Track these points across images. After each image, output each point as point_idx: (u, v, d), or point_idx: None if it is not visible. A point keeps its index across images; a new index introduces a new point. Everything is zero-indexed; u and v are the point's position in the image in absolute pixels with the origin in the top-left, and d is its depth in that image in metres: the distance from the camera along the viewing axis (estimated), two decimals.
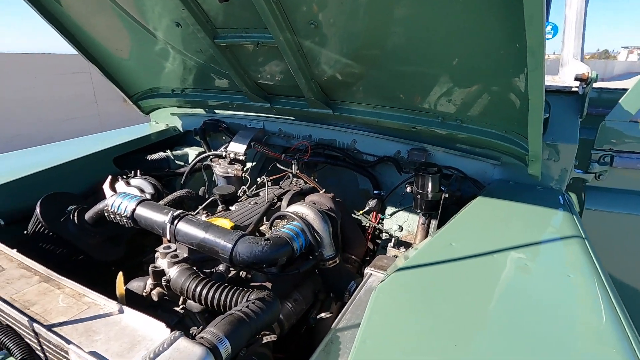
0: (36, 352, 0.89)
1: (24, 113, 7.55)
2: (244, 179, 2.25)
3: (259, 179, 2.15)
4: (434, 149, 1.99)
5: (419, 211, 1.85)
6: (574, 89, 1.73)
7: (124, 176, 2.08)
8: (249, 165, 2.52)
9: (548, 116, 1.75)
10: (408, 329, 0.91)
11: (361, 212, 2.15)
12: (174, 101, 2.63)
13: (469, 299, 1.01)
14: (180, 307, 1.32)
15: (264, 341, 1.21)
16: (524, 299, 1.02)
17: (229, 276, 1.42)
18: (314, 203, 1.67)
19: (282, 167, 2.25)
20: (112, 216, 1.55)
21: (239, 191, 2.00)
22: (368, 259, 2.00)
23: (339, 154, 2.27)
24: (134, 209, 1.49)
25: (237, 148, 2.32)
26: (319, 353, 0.99)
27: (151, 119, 2.88)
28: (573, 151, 1.73)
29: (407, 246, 1.76)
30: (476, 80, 1.52)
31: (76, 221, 1.61)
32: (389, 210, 2.19)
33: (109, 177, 2.00)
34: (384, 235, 2.15)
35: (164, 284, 1.27)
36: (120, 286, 1.17)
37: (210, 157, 2.39)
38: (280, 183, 2.18)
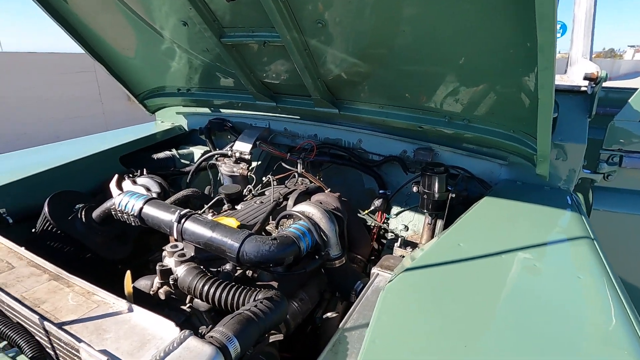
0: (46, 350, 0.90)
1: (30, 112, 7.61)
2: (250, 178, 2.26)
3: (264, 178, 2.15)
4: (440, 148, 1.98)
5: (426, 211, 1.84)
6: (582, 89, 1.72)
7: (131, 175, 2.09)
8: (254, 164, 2.53)
9: (556, 116, 1.73)
10: (417, 329, 0.91)
11: (366, 211, 2.15)
12: (179, 100, 2.64)
13: (478, 300, 1.00)
14: (187, 306, 1.32)
15: (271, 340, 1.21)
16: (533, 299, 1.01)
17: (235, 275, 1.42)
18: (320, 202, 1.67)
19: (288, 167, 2.25)
20: (119, 215, 1.55)
21: (245, 190, 2.00)
22: (373, 258, 1.99)
23: (344, 153, 2.27)
24: (141, 208, 1.49)
25: (242, 147, 2.32)
26: (326, 353, 0.99)
27: (157, 118, 2.89)
28: (582, 151, 1.72)
29: (414, 246, 1.75)
30: (484, 80, 1.51)
31: (84, 219, 1.62)
32: (395, 209, 2.18)
33: (116, 175, 2.01)
34: (389, 235, 2.14)
35: (171, 282, 1.28)
36: (128, 285, 1.17)
37: (216, 156, 2.39)
38: (286, 182, 2.18)
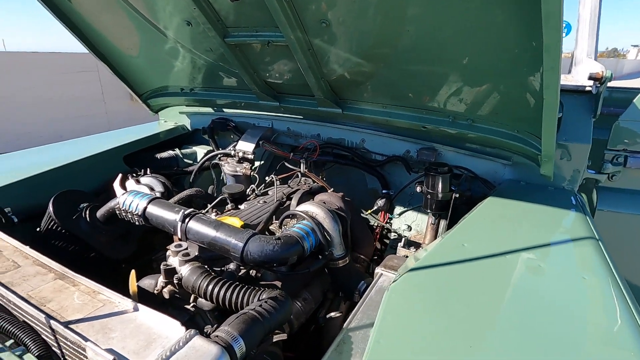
0: (53, 349, 0.90)
1: (33, 111, 7.65)
2: (253, 177, 2.26)
3: (267, 178, 2.15)
4: (443, 148, 1.98)
5: (429, 211, 1.84)
6: (587, 88, 1.71)
7: (134, 174, 2.09)
8: (257, 164, 2.53)
9: (560, 116, 1.72)
10: (422, 330, 0.91)
11: (369, 211, 2.14)
12: (182, 100, 2.64)
13: (483, 300, 1.00)
14: (191, 305, 1.32)
15: (275, 340, 1.21)
16: (538, 300, 1.01)
17: (239, 275, 1.42)
18: (324, 202, 1.66)
19: (291, 166, 2.25)
20: (123, 214, 1.56)
21: (248, 190, 2.01)
22: (375, 258, 1.99)
23: (347, 153, 2.27)
24: (145, 207, 1.49)
25: (245, 147, 2.32)
26: (331, 352, 0.99)
27: (160, 117, 2.89)
28: (586, 151, 1.71)
29: (417, 246, 1.75)
30: (488, 79, 1.51)
31: (88, 219, 1.62)
32: (398, 209, 2.18)
33: (120, 175, 2.02)
34: (392, 235, 2.14)
35: (175, 282, 1.28)
36: (133, 284, 1.18)
37: (219, 155, 2.40)
38: (289, 182, 2.18)
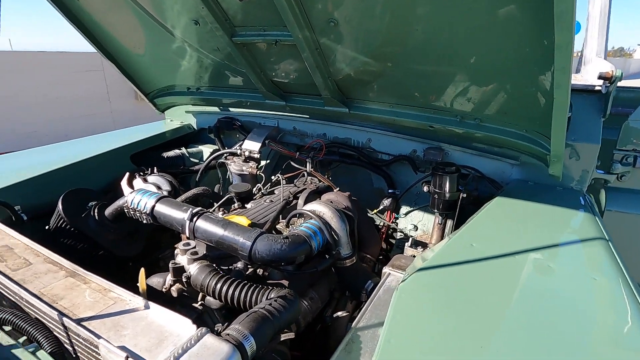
0: (65, 346, 0.91)
1: (39, 111, 7.70)
2: (259, 176, 2.26)
3: (273, 177, 2.15)
4: (450, 148, 1.97)
5: (436, 211, 1.83)
6: (597, 88, 1.69)
7: (141, 173, 2.10)
8: (263, 163, 2.53)
9: (570, 115, 1.71)
10: (432, 329, 0.91)
11: (375, 211, 2.14)
12: (188, 99, 2.65)
13: (493, 301, 1.00)
14: (199, 304, 1.33)
15: (282, 339, 1.22)
16: (549, 301, 1.01)
17: (246, 274, 1.42)
18: (331, 201, 1.66)
19: (297, 166, 2.25)
20: (131, 212, 1.56)
21: (254, 189, 2.01)
22: (381, 258, 1.99)
23: (353, 152, 2.26)
24: (154, 206, 1.50)
25: (251, 146, 2.32)
26: (340, 352, 0.99)
27: (166, 116, 2.90)
28: (595, 151, 1.70)
29: (425, 246, 1.74)
30: (498, 79, 1.50)
31: (97, 217, 1.63)
32: (404, 209, 2.17)
33: (127, 174, 2.03)
34: (398, 235, 2.14)
35: (184, 280, 1.28)
36: (142, 282, 1.18)
37: (225, 154, 2.40)
38: (295, 181, 2.18)
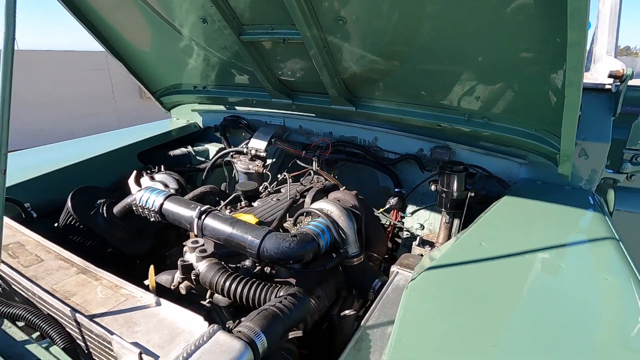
0: (77, 341, 0.91)
1: (45, 109, 7.76)
2: (265, 175, 2.26)
3: (279, 176, 2.15)
4: (457, 146, 1.96)
5: (443, 210, 1.82)
6: (607, 86, 1.68)
7: (148, 171, 2.11)
8: (269, 161, 2.53)
9: (579, 114, 1.70)
10: (444, 328, 0.90)
11: (381, 210, 2.14)
12: (194, 97, 2.66)
13: (504, 300, 0.99)
14: (207, 301, 1.33)
15: (290, 337, 1.22)
16: (560, 300, 1.00)
17: (254, 271, 1.43)
18: (339, 200, 1.66)
19: (303, 164, 2.25)
20: (140, 210, 1.57)
21: (261, 187, 2.01)
22: (386, 257, 1.99)
23: (359, 151, 2.26)
24: (162, 204, 1.51)
25: (258, 144, 2.33)
26: (349, 350, 0.99)
27: (172, 115, 2.91)
28: (605, 150, 1.68)
29: (432, 245, 1.74)
30: (507, 77, 1.49)
31: (105, 215, 1.64)
32: (410, 208, 2.17)
33: (134, 172, 2.03)
34: (404, 234, 2.13)
35: (193, 277, 1.29)
36: (152, 279, 1.19)
37: (231, 153, 2.41)
38: (301, 180, 2.18)
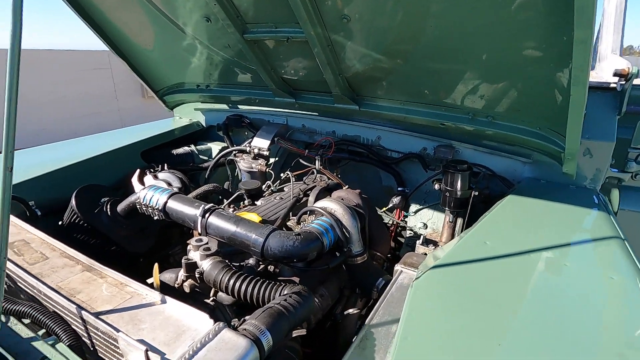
0: (83, 339, 0.91)
1: (47, 108, 7.79)
2: (268, 174, 2.26)
3: (282, 175, 2.15)
4: (461, 145, 1.96)
5: (447, 209, 1.82)
6: (612, 85, 1.67)
7: (152, 170, 2.11)
8: (271, 160, 2.53)
9: (584, 113, 1.69)
10: (449, 327, 0.90)
11: (384, 209, 2.13)
12: (197, 96, 2.66)
13: (509, 299, 0.99)
14: (211, 299, 1.34)
15: (294, 335, 1.22)
16: (566, 299, 1.00)
17: (257, 270, 1.43)
18: (342, 199, 1.66)
19: (305, 163, 2.25)
20: (144, 209, 1.57)
21: (264, 186, 2.01)
22: (389, 256, 1.98)
23: (362, 150, 2.26)
24: (166, 202, 1.51)
25: (261, 143, 2.33)
26: (354, 348, 0.99)
27: (174, 114, 2.91)
28: (609, 149, 1.68)
29: (436, 244, 1.74)
30: (512, 76, 1.48)
31: (109, 213, 1.64)
32: (413, 207, 2.17)
33: (137, 170, 2.04)
34: (407, 233, 2.13)
35: (197, 276, 1.29)
36: (156, 277, 1.19)
37: (234, 152, 2.41)
38: (304, 179, 2.18)
